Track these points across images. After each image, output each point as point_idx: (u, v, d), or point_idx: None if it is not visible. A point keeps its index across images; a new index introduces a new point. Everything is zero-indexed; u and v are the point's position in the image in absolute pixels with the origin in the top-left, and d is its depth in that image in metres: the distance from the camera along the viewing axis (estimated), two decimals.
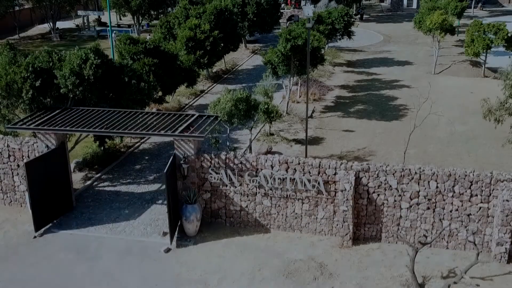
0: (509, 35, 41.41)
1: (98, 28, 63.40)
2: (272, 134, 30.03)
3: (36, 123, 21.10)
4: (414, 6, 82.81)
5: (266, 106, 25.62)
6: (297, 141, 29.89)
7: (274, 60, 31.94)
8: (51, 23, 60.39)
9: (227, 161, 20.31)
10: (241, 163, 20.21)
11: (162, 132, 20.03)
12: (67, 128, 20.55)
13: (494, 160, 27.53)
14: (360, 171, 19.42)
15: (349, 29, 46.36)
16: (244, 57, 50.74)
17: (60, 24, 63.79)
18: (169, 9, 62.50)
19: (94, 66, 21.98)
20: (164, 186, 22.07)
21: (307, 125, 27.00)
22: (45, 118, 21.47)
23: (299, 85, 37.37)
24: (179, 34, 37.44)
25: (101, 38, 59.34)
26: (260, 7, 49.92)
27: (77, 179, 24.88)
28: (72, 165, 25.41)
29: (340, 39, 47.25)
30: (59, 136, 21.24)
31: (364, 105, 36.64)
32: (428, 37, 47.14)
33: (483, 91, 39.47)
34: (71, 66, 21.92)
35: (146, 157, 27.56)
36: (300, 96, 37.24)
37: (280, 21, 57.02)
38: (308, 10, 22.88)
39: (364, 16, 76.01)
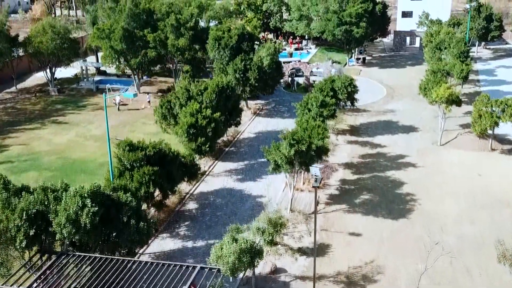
0: None
1: (96, 79, 62.49)
2: (276, 244, 29.04)
3: (29, 283, 20.16)
4: (417, 45, 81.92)
5: (270, 238, 24.69)
6: (302, 252, 28.91)
7: (277, 160, 31.01)
8: (48, 75, 59.32)
9: None
10: None
11: None
12: None
13: (508, 279, 26.59)
14: None
15: (353, 97, 45.50)
16: (246, 120, 49.51)
17: (59, 73, 62.42)
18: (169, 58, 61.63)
19: (91, 214, 21.00)
20: None
21: (315, 247, 26.02)
22: (39, 272, 20.52)
23: (303, 171, 36.36)
24: (180, 119, 36.52)
25: (100, 93, 58.43)
26: (262, 70, 48.96)
27: None
28: None
29: (343, 106, 46.43)
30: None
31: (369, 194, 35.64)
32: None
33: (491, 172, 38.58)
34: (68, 213, 20.94)
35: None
36: (303, 183, 36.29)
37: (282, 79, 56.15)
38: (315, 170, 21.89)
39: (367, 58, 75.02)
